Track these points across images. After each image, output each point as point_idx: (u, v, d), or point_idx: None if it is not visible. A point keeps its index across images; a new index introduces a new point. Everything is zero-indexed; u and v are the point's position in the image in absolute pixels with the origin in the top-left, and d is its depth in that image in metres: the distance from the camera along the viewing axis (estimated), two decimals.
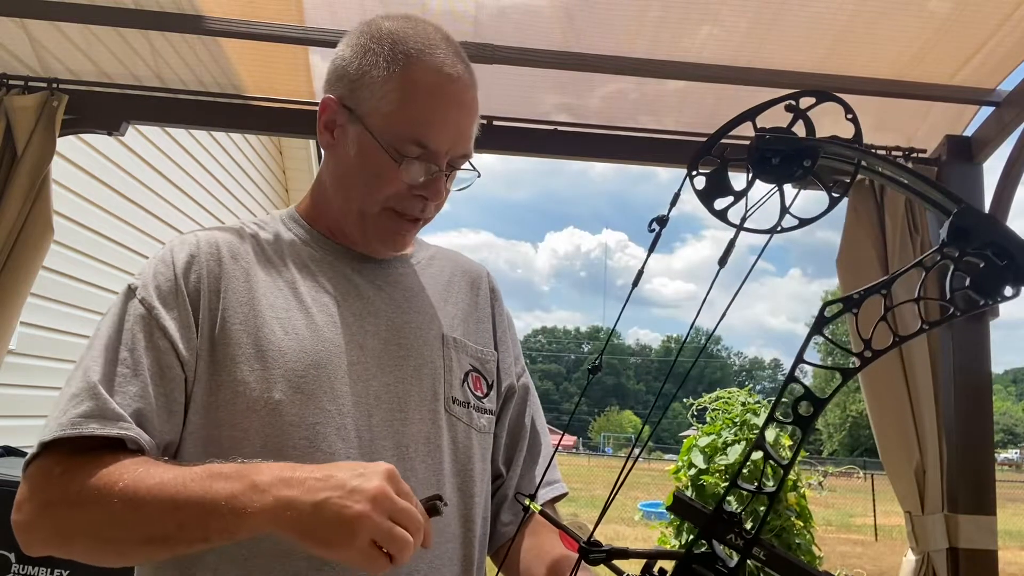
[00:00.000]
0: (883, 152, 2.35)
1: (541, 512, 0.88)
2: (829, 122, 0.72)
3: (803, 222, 0.67)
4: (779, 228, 0.67)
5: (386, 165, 0.99)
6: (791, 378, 0.66)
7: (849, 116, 0.71)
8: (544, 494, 1.13)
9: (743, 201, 0.67)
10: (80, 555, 0.88)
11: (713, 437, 6.25)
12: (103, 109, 2.27)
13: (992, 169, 2.39)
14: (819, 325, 0.69)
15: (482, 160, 1.12)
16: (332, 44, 2.06)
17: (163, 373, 0.94)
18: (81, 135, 2.53)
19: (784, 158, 0.66)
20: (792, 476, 6.02)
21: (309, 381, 0.96)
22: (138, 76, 2.28)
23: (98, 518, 0.84)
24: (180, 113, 2.38)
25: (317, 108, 1.08)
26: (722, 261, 0.67)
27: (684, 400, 6.66)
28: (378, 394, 1.00)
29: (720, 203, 0.67)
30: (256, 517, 0.78)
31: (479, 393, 1.10)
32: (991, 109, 2.25)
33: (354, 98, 1.01)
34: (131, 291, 0.99)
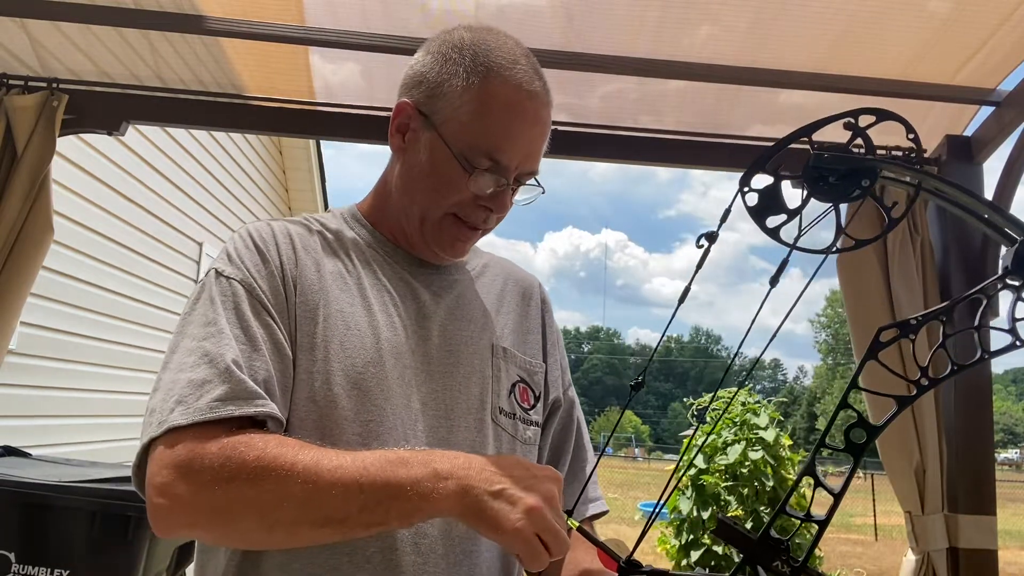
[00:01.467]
0: (883, 152, 2.35)
1: (579, 529, 0.87)
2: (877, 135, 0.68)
3: (859, 243, 0.65)
4: (835, 249, 0.65)
5: (456, 173, 1.01)
6: (844, 403, 0.64)
7: (911, 136, 0.69)
8: (585, 511, 1.14)
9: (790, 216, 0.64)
10: (240, 535, 0.87)
11: (713, 437, 6.26)
12: (103, 109, 2.27)
13: (992, 169, 2.39)
14: (874, 351, 0.66)
15: None
16: (332, 44, 2.08)
17: (278, 349, 0.95)
18: (81, 135, 2.53)
19: (841, 177, 0.64)
20: (792, 476, 6.02)
21: (367, 378, 0.97)
22: (138, 76, 2.28)
23: (273, 498, 0.82)
24: (180, 113, 2.38)
25: (314, 107, 1.09)
26: (773, 281, 0.65)
27: (684, 400, 6.66)
28: (425, 400, 1.02)
29: (772, 220, 0.65)
30: (439, 502, 0.81)
31: (526, 405, 1.11)
32: (991, 109, 2.25)
33: (430, 105, 1.03)
34: (220, 275, 0.98)
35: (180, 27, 2.05)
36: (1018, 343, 0.64)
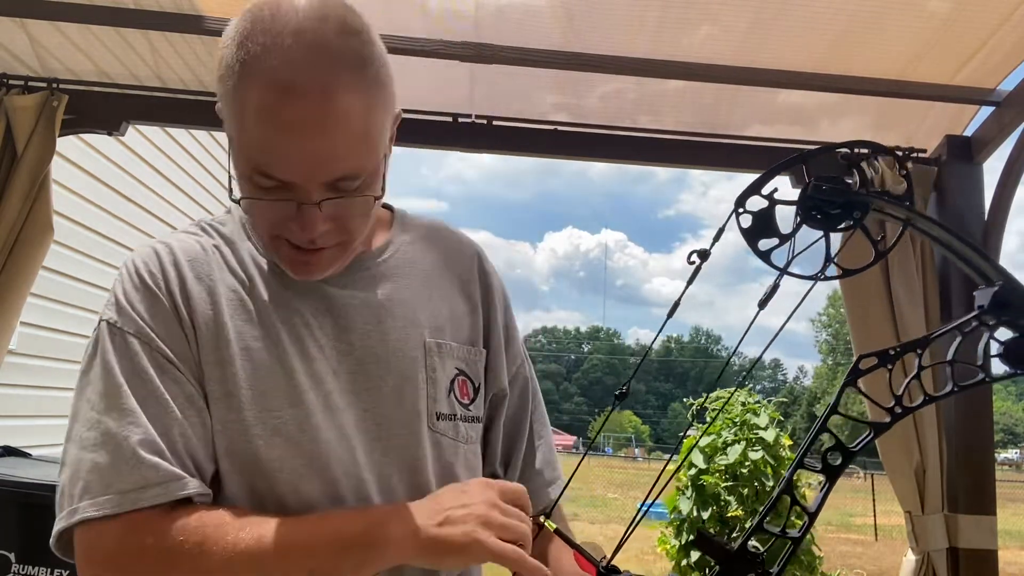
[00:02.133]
0: (884, 152, 2.35)
1: (557, 531, 0.87)
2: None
3: (846, 272, 0.67)
4: (822, 276, 0.68)
5: (260, 187, 0.84)
6: (823, 428, 0.65)
7: (903, 172, 0.73)
8: (551, 492, 1.07)
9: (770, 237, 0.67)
10: None
11: (713, 437, 6.26)
12: (103, 109, 2.27)
13: (992, 169, 2.39)
14: (854, 375, 0.69)
15: (481, 159, 1.06)
16: None
17: (192, 403, 0.88)
18: (81, 135, 2.53)
19: (834, 207, 0.66)
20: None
21: (286, 423, 0.89)
22: (138, 76, 2.28)
23: None
24: (180, 113, 2.38)
25: None
26: (762, 304, 0.66)
27: (684, 400, 6.66)
28: (356, 422, 0.93)
29: (764, 243, 0.67)
30: (391, 551, 0.83)
31: (465, 400, 1.02)
32: (991, 109, 2.25)
33: (223, 109, 0.85)
34: (113, 327, 0.89)
35: (180, 27, 2.05)
36: (987, 379, 0.69)
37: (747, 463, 5.95)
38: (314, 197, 0.82)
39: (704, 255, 0.69)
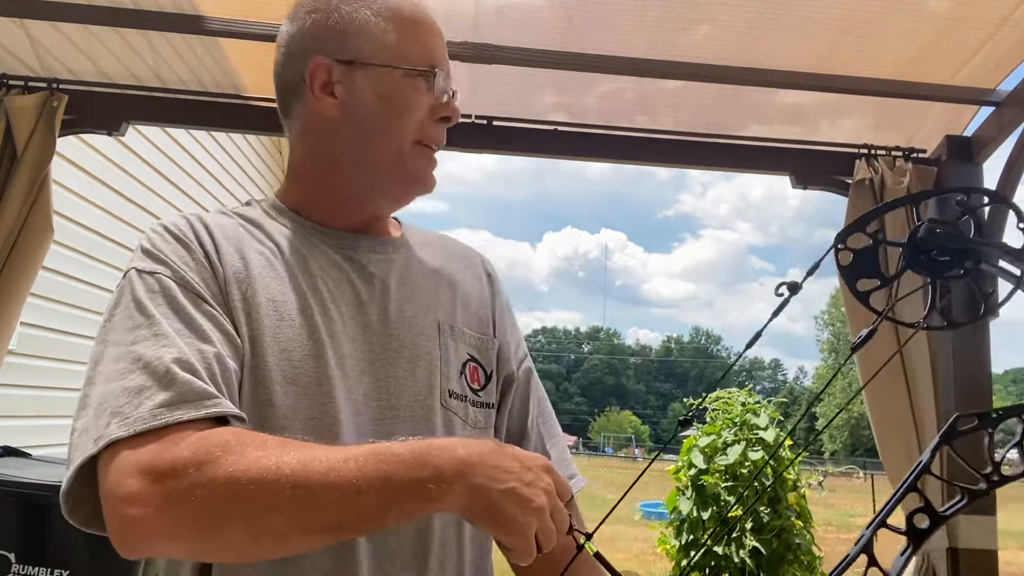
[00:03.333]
0: (883, 152, 2.35)
1: (596, 555, 0.81)
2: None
3: (951, 324, 0.63)
4: (924, 325, 0.64)
5: (412, 90, 0.99)
6: (912, 487, 0.61)
7: (1021, 225, 0.66)
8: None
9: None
10: (223, 546, 0.78)
11: (713, 437, 6.26)
12: (103, 109, 2.27)
13: (992, 169, 2.39)
14: (949, 436, 0.63)
15: (480, 160, 1.12)
16: None
17: (229, 340, 0.87)
18: (81, 135, 2.53)
19: (944, 252, 0.62)
20: (792, 476, 6.03)
21: (305, 373, 0.90)
22: (138, 76, 2.28)
23: (260, 507, 0.74)
24: (180, 113, 2.39)
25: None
26: (855, 347, 0.63)
27: (684, 400, 6.66)
28: (368, 390, 0.95)
29: (863, 283, 0.63)
30: (445, 504, 0.77)
31: (475, 385, 1.04)
32: (991, 109, 2.25)
33: (348, 49, 0.99)
34: (142, 272, 0.89)
35: (180, 27, 2.05)
36: None
37: (747, 463, 5.95)
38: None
39: (794, 288, 0.66)
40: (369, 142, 1.00)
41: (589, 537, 0.82)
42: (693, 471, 6.18)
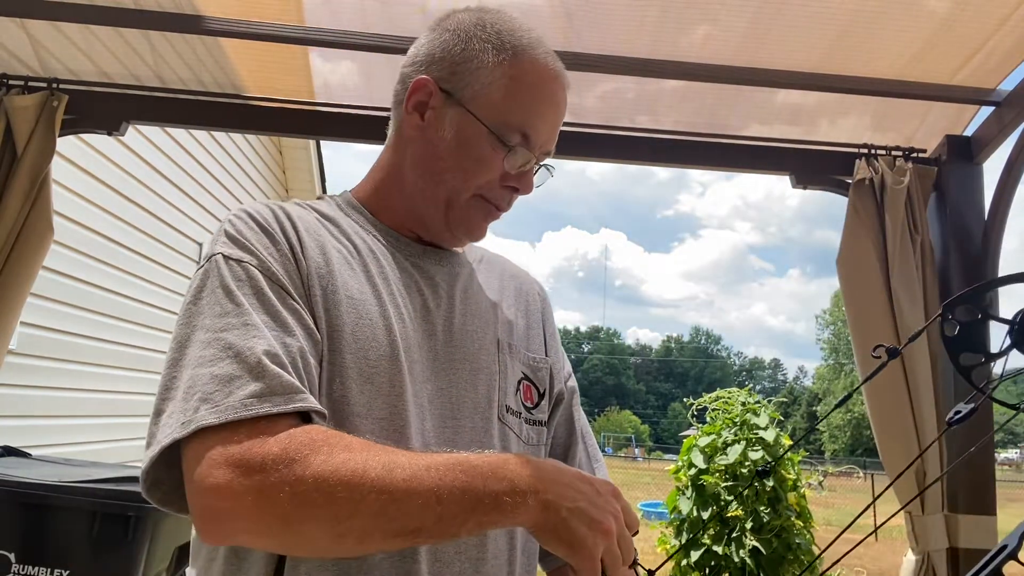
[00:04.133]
0: (883, 152, 2.35)
1: None
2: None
3: None
4: None
5: (488, 151, 0.99)
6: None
7: None
8: None
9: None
10: (305, 543, 0.78)
11: (713, 437, 6.26)
12: (103, 109, 2.27)
13: (992, 169, 2.39)
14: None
15: None
16: (332, 44, 2.08)
17: (310, 336, 0.87)
18: (81, 135, 2.53)
19: None
20: (792, 476, 6.02)
21: (380, 373, 0.90)
22: (138, 76, 2.28)
23: (345, 508, 0.75)
24: (180, 113, 2.39)
25: (314, 107, 1.06)
26: (952, 423, 0.60)
27: (684, 400, 6.65)
28: (431, 397, 0.96)
29: (967, 358, 0.61)
30: (518, 517, 0.78)
31: (529, 403, 1.06)
32: (991, 109, 2.25)
33: (455, 81, 0.99)
34: (229, 259, 0.88)
35: (180, 27, 2.05)
36: None
37: (747, 463, 5.94)
38: (538, 161, 1.04)
39: (893, 353, 0.65)
40: (433, 174, 1.01)
41: (652, 574, 0.83)
42: (693, 471, 6.18)
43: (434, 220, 1.03)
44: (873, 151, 2.35)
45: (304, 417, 0.82)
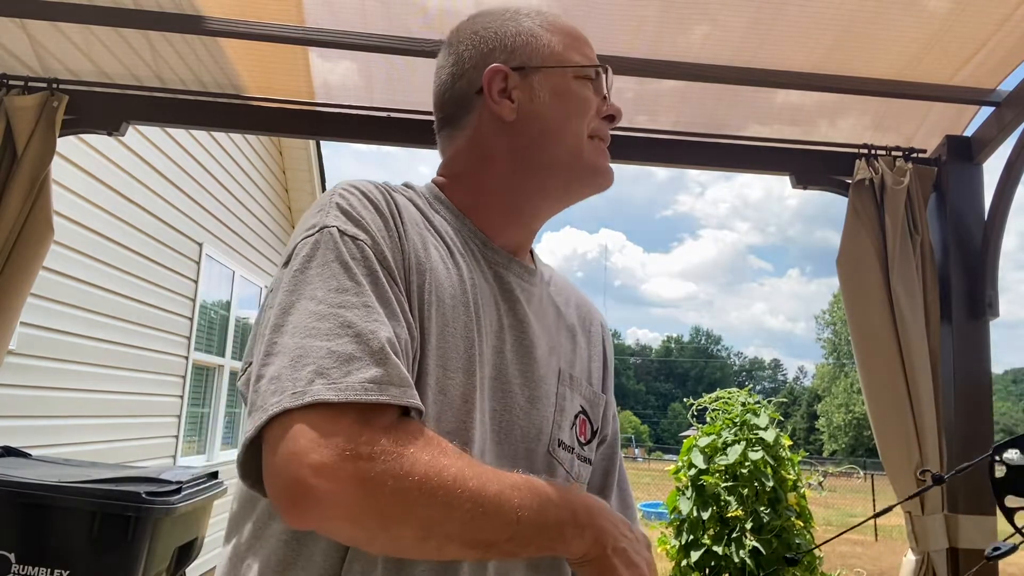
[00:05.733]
0: (883, 152, 2.35)
1: None
2: None
3: None
4: None
5: (583, 88, 1.04)
6: None
7: None
8: None
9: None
10: (391, 541, 0.75)
11: (713, 437, 6.25)
12: (103, 109, 2.27)
13: (992, 169, 2.39)
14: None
15: None
16: (332, 44, 2.08)
17: (410, 331, 0.84)
18: (81, 135, 2.53)
19: None
20: (792, 476, 6.02)
21: (455, 386, 0.87)
22: (138, 76, 2.28)
23: (440, 512, 0.74)
24: (180, 113, 2.38)
25: (314, 107, 1.06)
26: (991, 559, 0.61)
27: (684, 400, 6.64)
28: (490, 416, 0.92)
29: (1012, 500, 0.62)
30: (571, 547, 0.82)
31: (583, 439, 1.04)
32: (991, 109, 2.25)
33: (519, 57, 1.03)
34: (344, 234, 0.84)
35: (180, 27, 2.05)
36: None
37: (747, 463, 5.94)
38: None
39: (939, 480, 0.67)
40: (550, 140, 1.02)
41: None
42: (693, 471, 6.17)
43: (566, 183, 1.03)
44: (873, 151, 2.35)
45: (403, 413, 0.79)
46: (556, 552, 0.81)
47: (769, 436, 6.04)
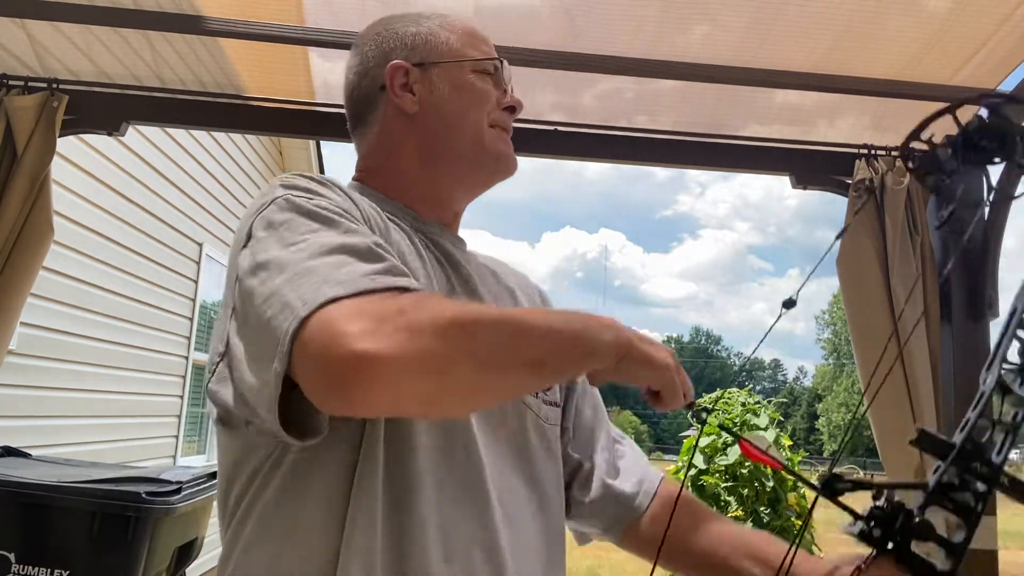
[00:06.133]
0: (883, 152, 2.35)
1: (741, 438, 0.95)
2: None
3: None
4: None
5: (481, 81, 1.10)
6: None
7: None
8: (653, 488, 1.20)
9: None
10: (454, 384, 0.75)
11: (713, 438, 6.26)
12: (103, 109, 2.27)
13: (992, 170, 2.39)
14: None
15: None
16: (332, 44, 2.08)
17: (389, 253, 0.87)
18: (81, 135, 2.53)
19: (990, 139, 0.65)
20: (791, 476, 6.02)
21: None
22: (138, 76, 2.28)
23: (486, 340, 0.75)
24: (180, 113, 2.38)
25: (314, 107, 1.07)
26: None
27: None
28: None
29: None
30: (606, 343, 0.83)
31: None
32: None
33: (419, 54, 1.09)
34: (300, 195, 0.88)
35: (180, 27, 2.05)
36: None
37: (747, 463, 5.94)
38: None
39: (790, 304, 0.71)
40: (452, 130, 1.08)
41: (709, 412, 0.94)
42: (693, 471, 6.18)
43: (470, 172, 1.10)
44: (873, 151, 2.35)
45: None
46: (596, 355, 0.82)
47: (769, 436, 6.04)
